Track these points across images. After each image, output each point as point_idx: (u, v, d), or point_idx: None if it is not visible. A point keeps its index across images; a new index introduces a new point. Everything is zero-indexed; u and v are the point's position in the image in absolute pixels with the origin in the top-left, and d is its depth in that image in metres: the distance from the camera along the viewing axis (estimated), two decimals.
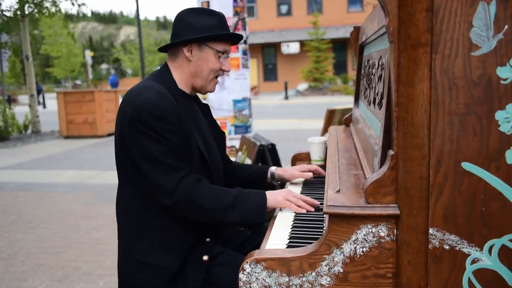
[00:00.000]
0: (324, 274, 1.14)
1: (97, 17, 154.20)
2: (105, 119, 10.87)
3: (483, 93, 1.04)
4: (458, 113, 1.05)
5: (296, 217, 1.56)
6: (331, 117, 4.43)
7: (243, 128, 5.26)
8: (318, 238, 1.21)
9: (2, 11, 11.64)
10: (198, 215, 1.48)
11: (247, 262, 1.17)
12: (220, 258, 1.57)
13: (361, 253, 1.12)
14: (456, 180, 1.06)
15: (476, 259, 1.08)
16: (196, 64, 1.59)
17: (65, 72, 33.18)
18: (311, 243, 1.21)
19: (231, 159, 1.88)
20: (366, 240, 1.11)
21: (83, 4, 12.86)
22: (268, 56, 29.98)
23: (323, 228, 1.42)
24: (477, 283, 1.08)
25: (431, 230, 1.08)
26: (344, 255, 1.12)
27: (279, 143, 4.25)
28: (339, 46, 27.82)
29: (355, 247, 1.12)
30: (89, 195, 5.31)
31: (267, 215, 3.00)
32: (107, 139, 10.46)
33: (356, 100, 2.34)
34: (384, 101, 1.18)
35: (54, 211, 4.72)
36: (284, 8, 29.36)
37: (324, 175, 1.92)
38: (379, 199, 1.11)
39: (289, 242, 1.35)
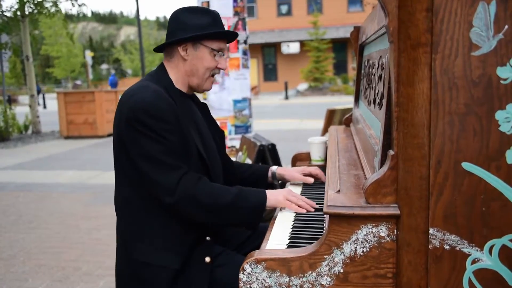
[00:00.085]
0: (325, 274, 1.14)
1: (97, 17, 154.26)
2: (105, 119, 10.87)
3: (483, 93, 1.04)
4: (458, 113, 1.05)
5: (296, 217, 1.56)
6: (331, 117, 4.43)
7: (243, 128, 5.26)
8: (319, 238, 1.21)
9: (3, 12, 11.64)
10: (199, 213, 1.48)
11: (247, 263, 1.17)
12: (220, 258, 1.57)
13: (362, 253, 1.12)
14: (456, 180, 1.06)
15: (476, 259, 1.08)
16: (192, 63, 1.59)
17: (65, 72, 33.18)
18: (312, 243, 1.21)
19: (232, 159, 1.88)
20: (367, 240, 1.11)
21: (83, 4, 12.88)
22: (268, 56, 29.98)
23: (324, 228, 1.42)
24: (477, 283, 1.08)
25: (431, 230, 1.08)
26: (344, 255, 1.12)
27: (279, 143, 4.25)
28: (339, 46, 27.82)
29: (356, 247, 1.12)
30: (89, 196, 5.31)
31: (267, 215, 3.00)
32: (107, 140, 10.46)
33: (356, 100, 2.34)
34: (384, 101, 1.18)
35: (55, 211, 4.72)
36: (284, 8, 29.36)
37: (324, 180, 1.91)
38: (379, 199, 1.11)
39: (290, 242, 1.35)
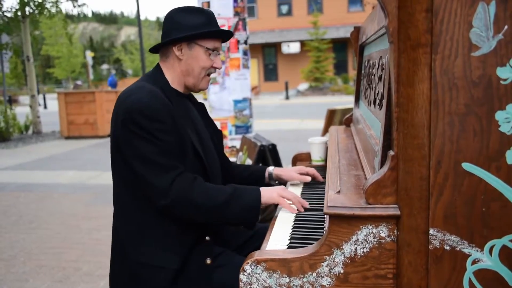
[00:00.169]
0: (325, 274, 1.14)
1: (98, 17, 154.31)
2: (106, 120, 10.87)
3: (483, 93, 1.04)
4: (458, 113, 1.05)
5: (296, 218, 1.56)
6: (332, 117, 4.43)
7: (243, 128, 5.26)
8: (319, 238, 1.21)
9: (3, 12, 11.65)
10: (194, 214, 1.47)
11: (247, 263, 1.17)
12: (220, 259, 1.57)
13: (362, 254, 1.12)
14: (456, 181, 1.06)
15: (476, 260, 1.08)
16: (187, 62, 1.59)
17: (66, 72, 33.21)
18: (312, 243, 1.21)
19: (232, 159, 1.88)
20: (367, 241, 1.11)
21: (83, 4, 12.89)
22: (268, 56, 29.98)
23: (324, 229, 1.42)
24: (477, 284, 1.08)
25: (431, 231, 1.08)
26: (344, 255, 1.12)
27: (280, 143, 4.25)
28: (339, 46, 27.81)
29: (356, 247, 1.12)
30: (89, 196, 5.31)
31: (267, 215, 3.00)
32: (107, 140, 10.42)
33: (357, 100, 2.34)
34: (384, 101, 1.18)
35: (55, 211, 4.73)
36: (284, 8, 29.36)
37: (321, 180, 1.93)
38: (379, 199, 1.11)
39: (290, 242, 1.35)
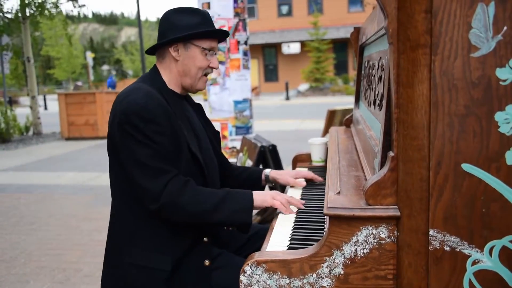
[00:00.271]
0: (325, 275, 1.14)
1: (98, 18, 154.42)
2: (106, 121, 10.75)
3: (483, 94, 1.04)
4: (458, 114, 1.05)
5: (297, 219, 1.56)
6: (332, 118, 4.43)
7: (244, 129, 5.26)
8: (319, 239, 1.21)
9: (4, 13, 11.66)
10: (184, 218, 1.47)
11: (248, 264, 1.17)
12: (218, 260, 1.56)
13: (362, 255, 1.12)
14: (456, 182, 1.06)
15: (476, 260, 1.08)
16: (183, 63, 1.59)
17: (66, 73, 33.25)
18: (312, 244, 1.21)
19: (232, 160, 1.88)
20: (367, 242, 1.11)
21: (83, 5, 12.89)
22: (268, 56, 29.98)
23: (324, 230, 1.42)
24: (477, 284, 1.08)
25: (431, 232, 1.08)
26: (344, 256, 1.12)
27: (280, 144, 4.25)
28: (339, 46, 27.81)
29: (356, 248, 1.12)
30: (90, 197, 5.32)
31: (268, 216, 2.99)
32: None
33: (357, 101, 2.34)
34: (384, 102, 1.18)
35: (56, 213, 4.73)
36: (284, 9, 29.36)
37: (319, 181, 1.93)
38: (379, 200, 1.11)
39: (290, 244, 1.35)
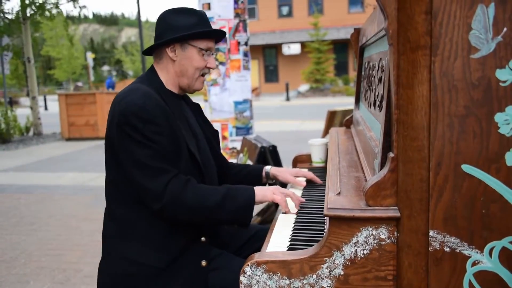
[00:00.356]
0: (325, 276, 1.14)
1: (99, 19, 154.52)
2: (106, 121, 10.86)
3: (483, 95, 1.04)
4: (458, 115, 1.05)
5: (297, 220, 1.56)
6: (332, 119, 4.43)
7: (244, 129, 5.26)
8: (319, 240, 1.21)
9: (4, 14, 11.67)
10: (188, 217, 1.47)
11: (248, 265, 1.17)
12: (217, 261, 1.56)
13: (362, 256, 1.12)
14: (456, 182, 1.06)
15: (476, 261, 1.08)
16: (181, 63, 1.59)
17: (67, 74, 33.25)
18: (312, 245, 1.21)
19: (233, 161, 1.88)
20: (367, 243, 1.11)
21: (84, 6, 12.90)
22: (269, 57, 29.99)
23: (324, 231, 1.42)
24: (477, 285, 1.08)
25: (431, 233, 1.08)
26: (344, 257, 1.13)
27: (280, 144, 4.25)
28: (340, 47, 27.81)
29: (356, 249, 1.12)
30: (90, 197, 5.32)
31: (268, 217, 2.99)
32: None
33: (357, 101, 2.34)
34: (384, 103, 1.18)
35: (56, 213, 4.73)
36: (285, 9, 29.37)
37: (319, 182, 1.94)
38: (379, 201, 1.12)
39: (290, 244, 1.35)
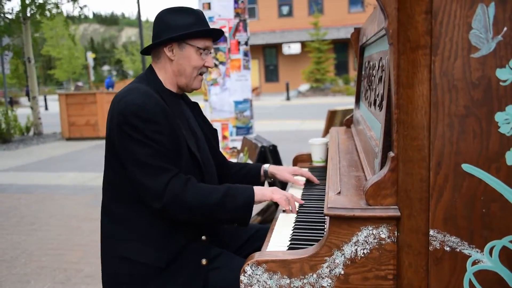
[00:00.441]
0: (325, 276, 1.14)
1: (99, 18, 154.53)
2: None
3: (483, 95, 1.04)
4: (458, 115, 1.05)
5: (297, 219, 1.56)
6: (333, 118, 4.44)
7: (244, 129, 5.26)
8: (319, 240, 1.21)
9: (4, 14, 11.67)
10: (188, 216, 1.48)
11: (248, 264, 1.17)
12: (217, 261, 1.56)
13: (362, 255, 1.12)
14: (456, 182, 1.06)
15: (476, 261, 1.08)
16: (178, 63, 1.59)
17: (67, 74, 33.25)
18: (313, 245, 1.21)
19: (233, 160, 1.88)
20: (367, 242, 1.11)
21: (84, 6, 12.91)
22: (269, 57, 29.98)
23: (324, 230, 1.42)
24: (478, 285, 1.08)
25: (431, 232, 1.08)
26: (345, 257, 1.13)
27: (281, 144, 4.25)
28: (340, 46, 27.80)
29: (356, 249, 1.12)
30: (90, 197, 5.32)
31: (268, 216, 2.99)
32: None
33: (357, 101, 2.34)
34: (384, 103, 1.18)
35: (56, 213, 4.73)
36: (285, 9, 29.35)
37: (316, 182, 1.94)
38: (379, 201, 1.12)
39: (290, 244, 1.36)
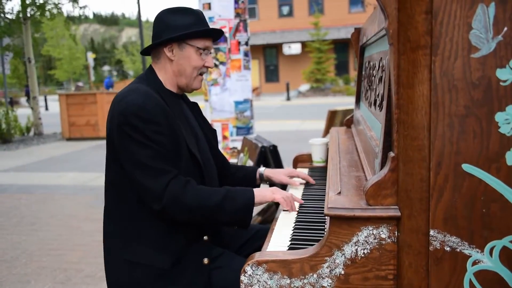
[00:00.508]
0: (326, 276, 1.14)
1: (99, 19, 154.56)
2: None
3: (483, 95, 1.04)
4: (458, 115, 1.05)
5: (297, 219, 1.56)
6: (333, 118, 4.44)
7: (244, 129, 5.26)
8: (320, 240, 1.21)
9: (5, 14, 11.67)
10: (188, 217, 1.48)
11: (248, 264, 1.17)
12: (219, 260, 1.56)
13: (362, 255, 1.12)
14: (456, 182, 1.06)
15: (477, 261, 1.08)
16: (178, 63, 1.59)
17: (67, 74, 33.25)
18: (313, 245, 1.21)
19: (233, 161, 1.88)
20: (367, 242, 1.11)
21: (85, 6, 12.91)
22: (269, 57, 29.97)
23: (325, 230, 1.42)
24: (478, 285, 1.08)
25: (432, 232, 1.08)
26: (345, 257, 1.13)
27: (281, 144, 4.25)
28: (340, 46, 27.79)
29: (356, 249, 1.12)
30: (91, 197, 5.32)
31: (269, 216, 2.99)
32: None
33: (357, 101, 2.34)
34: (384, 103, 1.18)
35: (57, 213, 4.73)
36: (285, 9, 29.35)
37: (312, 182, 1.95)
38: (379, 201, 1.12)
39: (291, 244, 1.36)
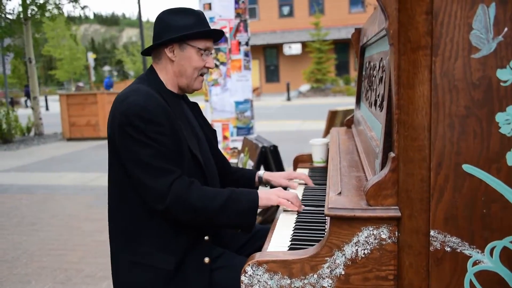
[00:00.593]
0: (326, 276, 1.14)
1: (99, 19, 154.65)
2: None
3: (483, 95, 1.04)
4: (459, 115, 1.05)
5: (298, 219, 1.56)
6: (333, 118, 4.44)
7: (245, 129, 5.26)
8: (320, 240, 1.21)
9: (5, 14, 11.68)
10: (191, 218, 1.47)
11: (249, 265, 1.17)
12: (220, 260, 1.57)
13: (363, 255, 1.12)
14: (456, 182, 1.06)
15: (477, 261, 1.08)
16: (179, 63, 1.59)
17: (68, 74, 33.28)
18: (313, 245, 1.21)
19: (233, 161, 1.88)
20: (368, 242, 1.11)
21: (85, 6, 12.92)
22: (270, 57, 29.98)
23: (325, 230, 1.42)
24: (478, 285, 1.08)
25: (432, 232, 1.08)
26: (345, 257, 1.13)
27: (282, 144, 4.25)
28: (341, 47, 27.79)
29: (357, 249, 1.12)
30: (91, 197, 5.32)
31: (269, 216, 2.99)
32: None
33: (358, 101, 2.34)
34: (385, 103, 1.18)
35: (57, 213, 4.74)
36: (285, 9, 29.35)
37: (311, 185, 1.94)
38: (380, 201, 1.12)
39: (291, 244, 1.36)
